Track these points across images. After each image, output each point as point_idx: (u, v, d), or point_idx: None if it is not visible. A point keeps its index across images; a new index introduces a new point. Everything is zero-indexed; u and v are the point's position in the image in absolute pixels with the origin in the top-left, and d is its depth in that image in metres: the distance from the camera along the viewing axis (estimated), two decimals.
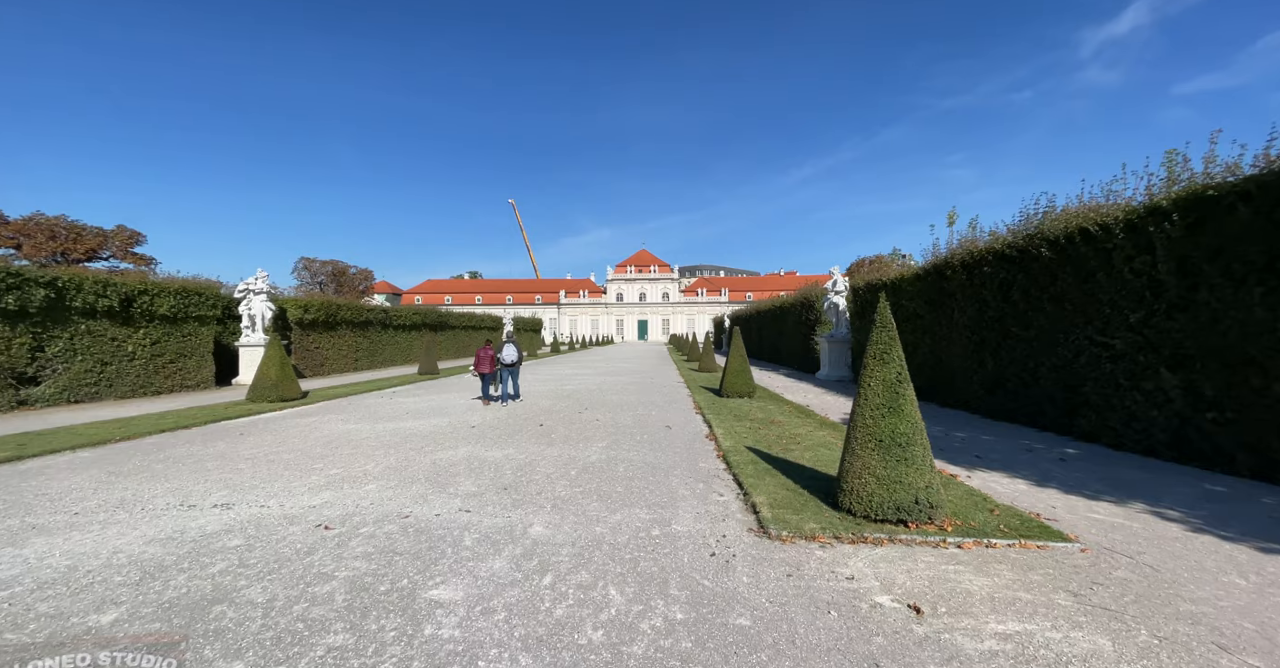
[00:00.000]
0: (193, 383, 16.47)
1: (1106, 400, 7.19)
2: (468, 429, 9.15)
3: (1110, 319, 7.19)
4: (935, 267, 11.57)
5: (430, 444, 7.88)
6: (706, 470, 6.22)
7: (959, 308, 10.75)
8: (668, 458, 6.86)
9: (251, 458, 7.06)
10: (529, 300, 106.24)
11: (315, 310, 21.82)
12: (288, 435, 8.75)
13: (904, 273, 13.54)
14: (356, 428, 9.40)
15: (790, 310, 24.41)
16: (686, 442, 7.94)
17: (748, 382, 12.99)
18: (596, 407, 11.81)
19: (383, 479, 5.93)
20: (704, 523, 4.49)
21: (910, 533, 4.02)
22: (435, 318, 33.35)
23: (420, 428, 9.31)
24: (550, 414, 10.77)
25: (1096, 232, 7.26)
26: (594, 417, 10.41)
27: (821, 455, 6.56)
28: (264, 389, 13.01)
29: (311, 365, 21.95)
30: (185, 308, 16.13)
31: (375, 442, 8.11)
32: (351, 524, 4.50)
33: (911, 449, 4.21)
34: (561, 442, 7.99)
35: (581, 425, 9.41)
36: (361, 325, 25.38)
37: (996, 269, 9.38)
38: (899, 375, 4.43)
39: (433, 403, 12.78)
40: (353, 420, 10.29)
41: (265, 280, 18.91)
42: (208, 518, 4.66)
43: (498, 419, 10.18)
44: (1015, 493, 5.22)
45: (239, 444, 8.02)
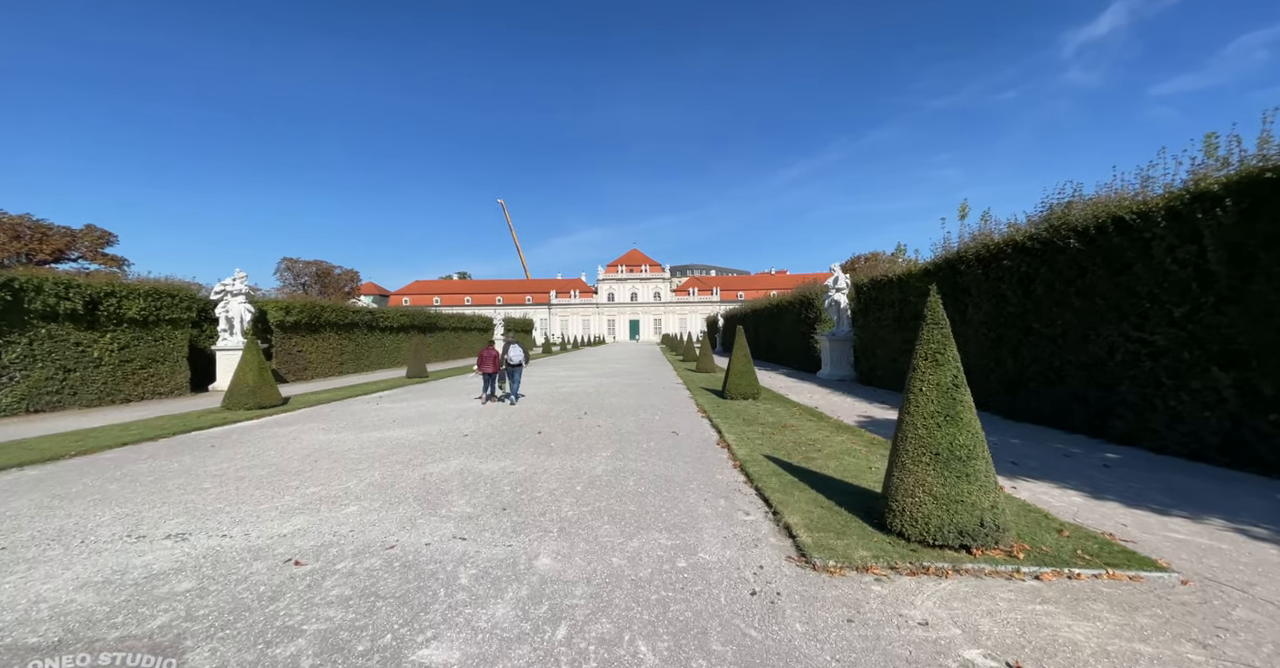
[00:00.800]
0: (166, 390, 15.62)
1: (1146, 401, 6.73)
2: (460, 438, 8.51)
3: (1149, 314, 6.73)
4: (947, 261, 11.11)
5: (420, 456, 7.23)
6: (725, 484, 5.66)
7: (974, 304, 10.30)
8: (680, 469, 6.28)
9: (219, 475, 6.37)
10: (519, 301, 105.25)
11: (297, 312, 20.98)
12: (263, 447, 8.06)
13: (911, 268, 13.09)
14: (339, 438, 8.72)
15: (788, 309, 23.97)
16: (697, 450, 7.37)
17: (752, 383, 12.47)
18: (596, 411, 11.21)
19: (366, 499, 5.29)
20: (734, 550, 3.92)
21: (977, 561, 3.48)
22: (424, 319, 32.52)
23: (409, 437, 8.65)
24: (548, 420, 10.16)
25: (1133, 220, 6.80)
26: (594, 422, 9.81)
27: (848, 465, 6.02)
28: (240, 396, 12.26)
29: (294, 370, 21.11)
30: (157, 310, 15.28)
31: (359, 454, 7.45)
32: (327, 558, 3.87)
33: (973, 463, 3.68)
34: (563, 451, 7.38)
35: (582, 432, 8.81)
36: (347, 328, 24.54)
37: (1017, 262, 8.92)
38: (955, 379, 3.89)
39: (422, 409, 12.11)
40: (335, 429, 9.60)
41: (244, 281, 18.07)
42: (157, 553, 4.00)
43: (492, 427, 9.55)
44: (1072, 507, 4.71)
45: (207, 459, 7.33)
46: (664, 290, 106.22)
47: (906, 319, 13.29)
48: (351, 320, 24.79)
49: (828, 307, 18.50)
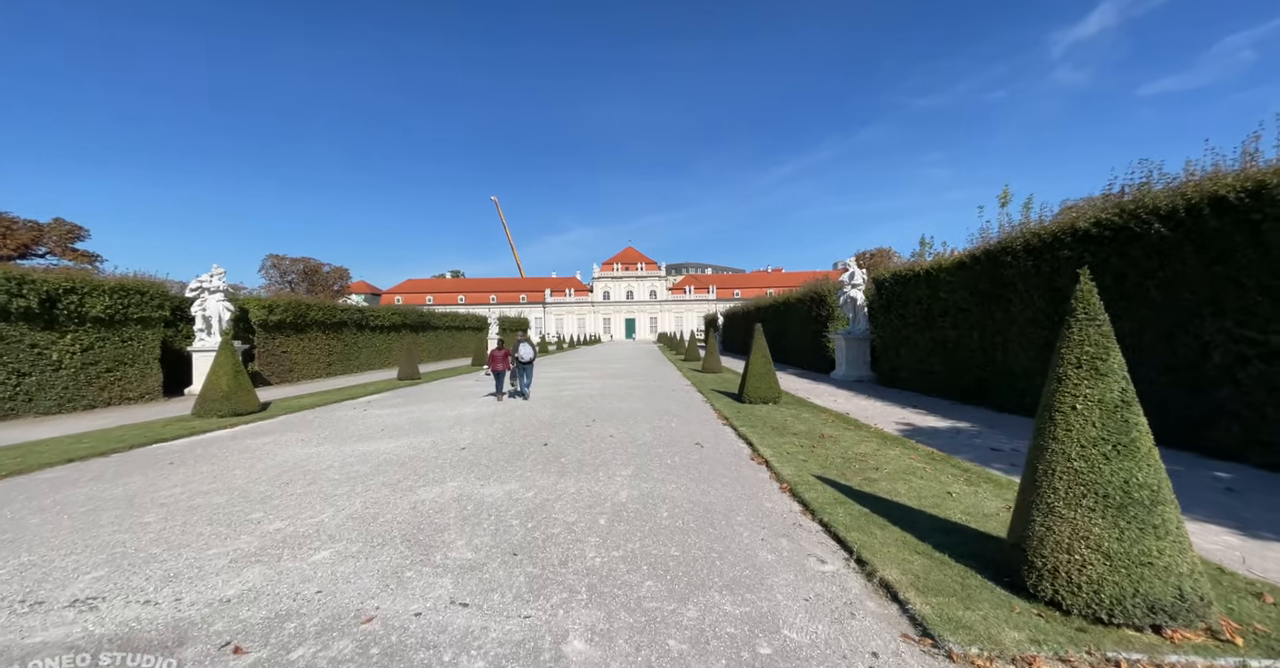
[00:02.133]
0: (135, 394, 14.45)
1: (1255, 410, 5.82)
2: (457, 452, 7.49)
3: (1257, 308, 5.82)
4: (987, 253, 10.19)
5: (410, 476, 6.21)
6: (779, 515, 4.68)
7: (1020, 299, 9.38)
8: (719, 494, 5.29)
9: (168, 504, 5.32)
10: (513, 300, 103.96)
11: (281, 311, 19.82)
12: (229, 465, 7.00)
13: (941, 262, 12.17)
14: (318, 452, 7.67)
15: (796, 306, 23.05)
16: (730, 466, 6.39)
17: (772, 386, 11.52)
18: (605, 418, 10.20)
19: (341, 540, 4.27)
20: (825, 622, 2.94)
21: (1180, 650, 2.52)
22: (416, 318, 31.35)
23: (398, 451, 7.62)
24: (554, 429, 9.14)
25: (1239, 199, 5.88)
26: (606, 431, 8.81)
27: (920, 490, 5.06)
28: (213, 403, 11.16)
29: (278, 372, 19.96)
30: (124, 309, 14.10)
31: (339, 473, 6.41)
32: (280, 640, 2.85)
33: (1160, 510, 2.71)
34: (576, 469, 6.38)
35: (594, 444, 7.81)
36: (335, 327, 23.38)
37: (1079, 251, 8.00)
38: (1123, 394, 2.91)
39: (414, 415, 11.06)
40: (315, 441, 8.55)
41: (222, 278, 16.92)
42: (47, 634, 2.96)
43: (492, 437, 8.52)
44: (1230, 550, 3.77)
45: (161, 480, 6.27)
46: (660, 289, 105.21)
47: (935, 316, 12.37)
48: (340, 319, 23.62)
49: (842, 304, 17.59)
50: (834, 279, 22.81)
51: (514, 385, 13.83)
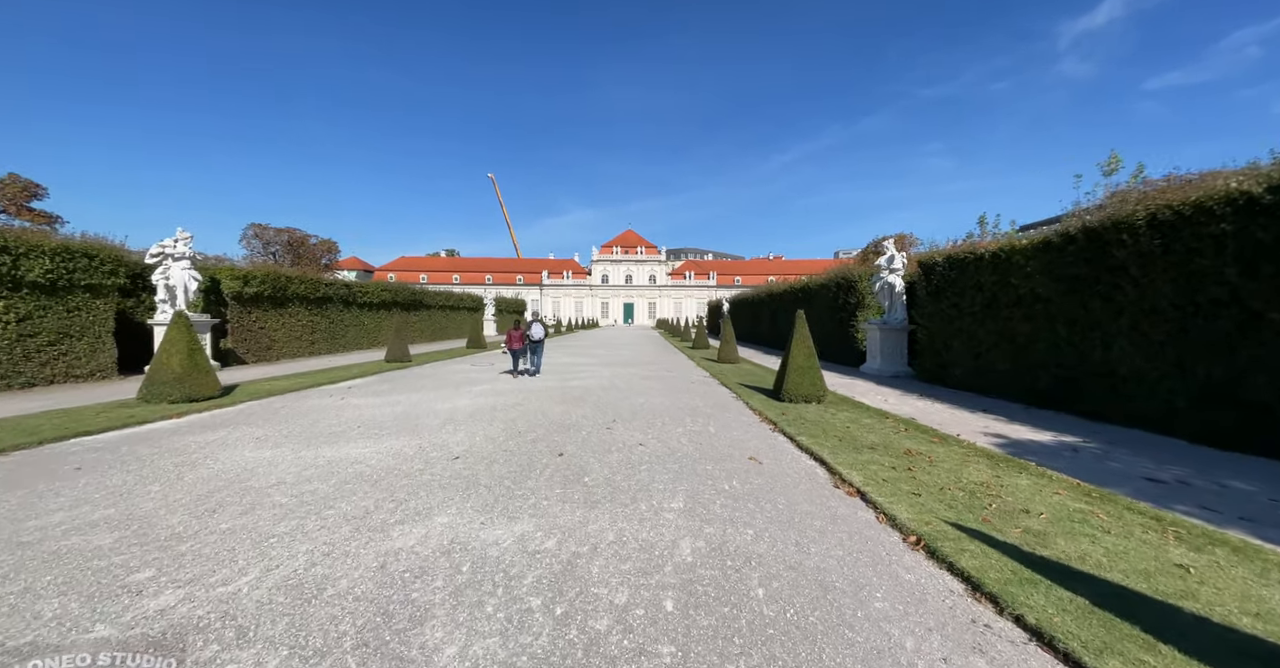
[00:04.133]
0: (84, 372, 12.71)
1: None
2: (448, 464, 5.85)
3: None
4: (1087, 231, 8.53)
5: (385, 503, 4.58)
6: (938, 600, 3.08)
7: (1134, 285, 7.76)
8: (824, 551, 3.69)
9: (28, 544, 3.68)
10: (510, 281, 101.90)
11: (258, 283, 18.01)
12: (148, 474, 5.35)
13: (1014, 243, 10.51)
14: (272, 458, 6.02)
15: (818, 293, 21.37)
16: (814, 498, 4.79)
17: (816, 382, 9.93)
18: (627, 417, 8.59)
19: (254, 641, 2.64)
20: None
21: None
22: (408, 296, 29.53)
23: (374, 460, 5.98)
24: (568, 431, 7.52)
25: None
26: (632, 436, 7.20)
27: (1126, 557, 3.46)
28: (162, 385, 9.48)
29: (256, 349, 18.23)
30: (69, 274, 12.29)
31: (289, 496, 4.77)
32: None
33: None
34: (607, 497, 4.77)
35: (622, 455, 6.20)
36: (319, 302, 21.58)
37: (1244, 226, 6.34)
38: None
39: (400, 408, 9.40)
40: (274, 440, 6.89)
41: (188, 242, 15.06)
42: None
43: (493, 442, 6.89)
44: None
45: (47, 498, 4.61)
46: (660, 273, 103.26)
47: (1003, 306, 10.76)
48: (324, 294, 21.81)
49: (877, 291, 15.94)
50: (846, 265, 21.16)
51: (526, 365, 14.54)
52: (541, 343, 14.37)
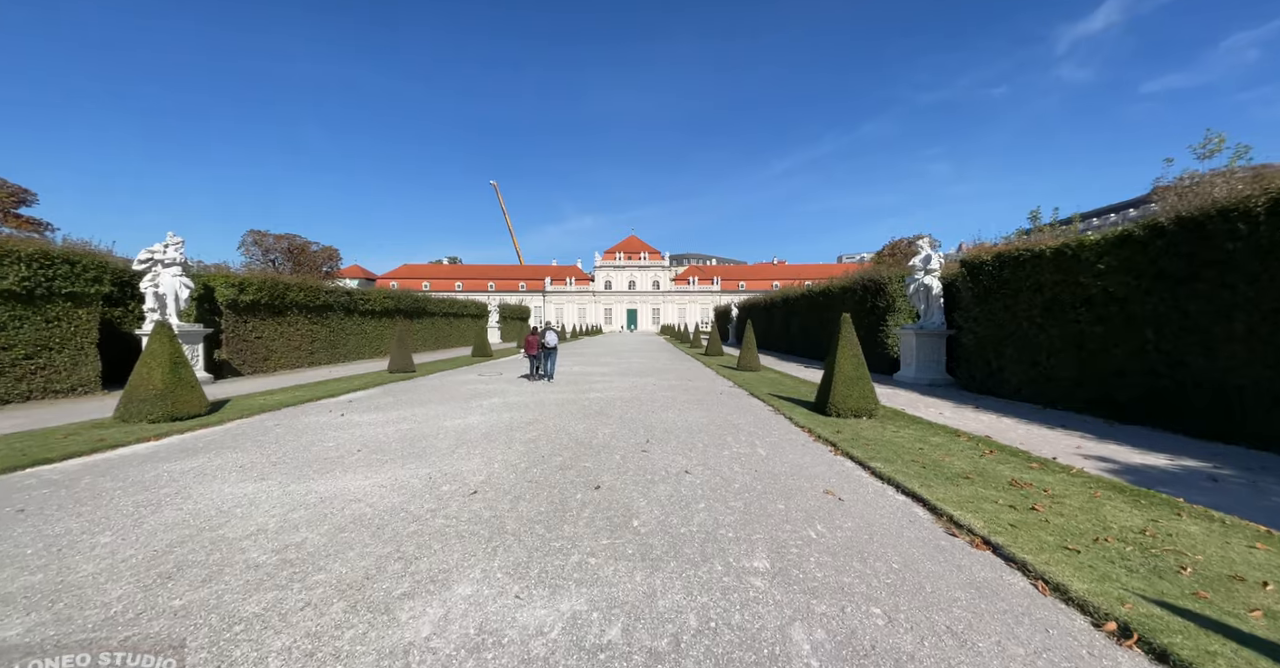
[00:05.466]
0: (64, 387, 11.78)
1: None
2: (464, 501, 4.86)
3: None
4: (1181, 221, 7.54)
5: (389, 563, 3.59)
6: None
7: (1251, 282, 6.74)
8: (1002, 652, 2.68)
9: None
10: (513, 287, 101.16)
11: (255, 290, 17.09)
12: (105, 519, 4.38)
13: (1083, 239, 9.53)
14: (253, 495, 5.04)
15: (841, 296, 20.37)
16: (930, 550, 3.79)
17: (867, 394, 8.93)
18: (662, 437, 7.59)
19: None
20: None
21: None
22: (410, 303, 28.62)
23: (374, 496, 4.99)
24: (598, 455, 6.52)
25: None
26: (675, 461, 6.20)
27: None
28: (141, 403, 8.54)
29: (252, 360, 17.29)
30: (48, 282, 11.39)
31: (268, 551, 3.79)
32: None
33: None
34: (668, 550, 3.77)
35: (672, 489, 5.19)
36: (318, 310, 20.66)
37: None
38: None
39: (405, 426, 8.42)
40: (259, 469, 5.91)
41: (179, 248, 14.19)
42: None
43: (516, 471, 5.89)
44: None
45: None
46: (664, 279, 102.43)
47: (1066, 307, 9.76)
48: (324, 302, 20.89)
49: (911, 293, 14.95)
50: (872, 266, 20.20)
51: (542, 371, 15.30)
52: (555, 350, 15.28)
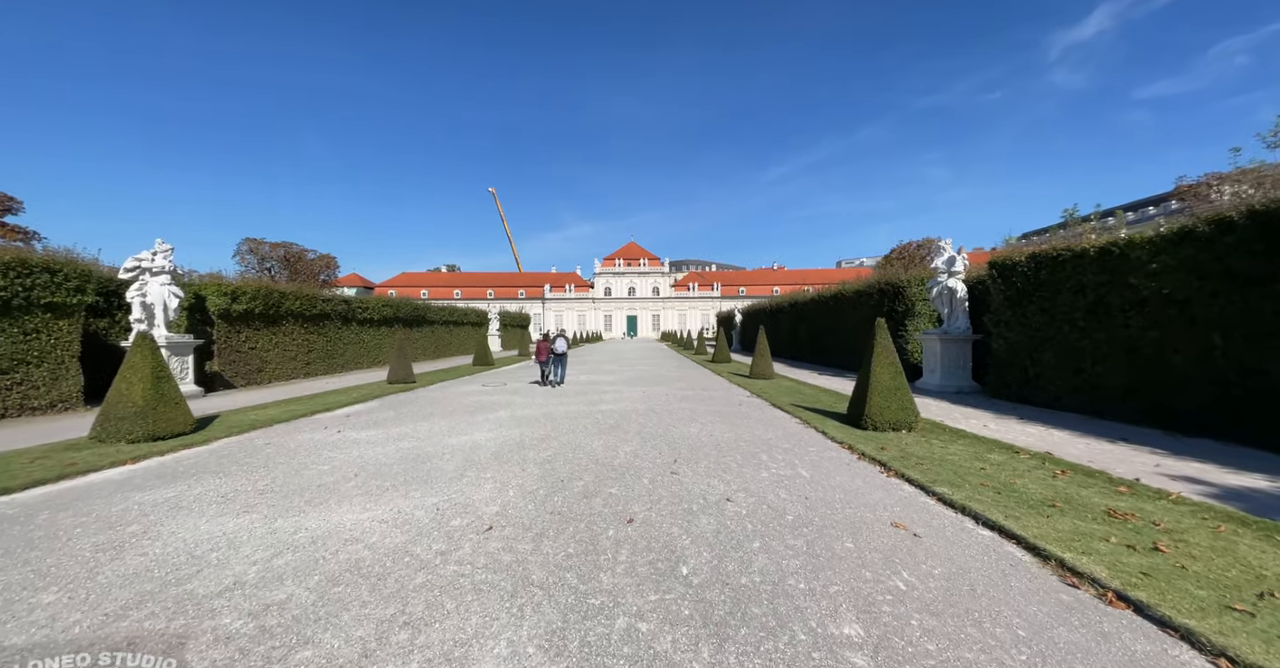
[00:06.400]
0: (43, 403, 11.07)
1: None
2: (478, 539, 4.17)
3: None
4: (1254, 215, 6.93)
5: (390, 629, 2.90)
6: None
7: None
8: None
9: None
10: (512, 295, 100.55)
11: (248, 299, 16.41)
12: (56, 568, 3.68)
13: (1134, 237, 8.92)
14: (235, 531, 4.34)
15: (854, 301, 19.76)
16: (1052, 608, 3.10)
17: (907, 406, 8.28)
18: (689, 456, 6.90)
19: None
20: None
21: None
22: (410, 311, 27.96)
23: (373, 535, 4.30)
24: (624, 478, 5.82)
25: None
26: (709, 486, 5.51)
27: None
28: (119, 421, 7.87)
29: (245, 372, 16.57)
30: (26, 291, 10.71)
31: (242, 615, 3.09)
32: None
33: None
34: (730, 611, 3.09)
35: (716, 522, 4.51)
36: (315, 319, 19.99)
37: None
38: None
39: (407, 445, 7.72)
40: (244, 498, 5.22)
41: (168, 256, 13.50)
42: None
43: (535, 501, 5.20)
44: None
45: None
46: (663, 285, 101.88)
47: (1116, 310, 9.14)
48: (321, 311, 20.22)
49: (934, 296, 14.32)
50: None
51: (554, 376, 15.95)
52: (565, 356, 16.16)
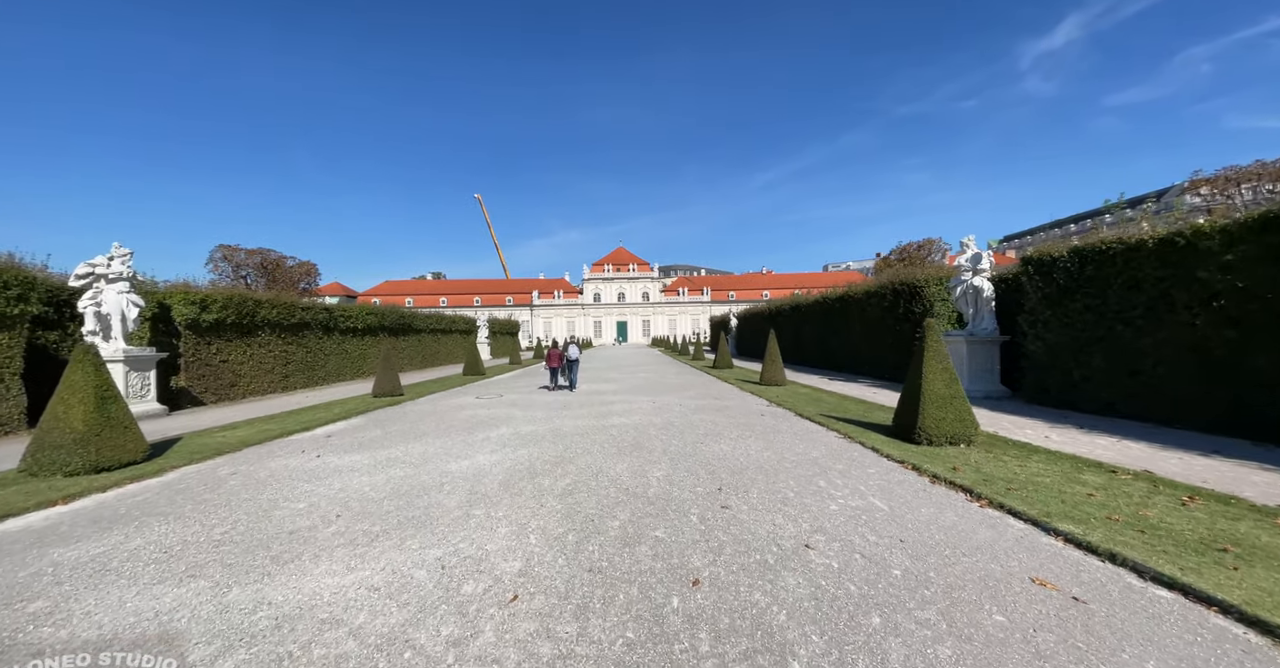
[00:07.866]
0: None
1: None
2: (500, 614, 3.10)
3: None
4: None
5: None
6: None
7: None
8: None
9: None
10: (499, 301, 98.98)
11: (219, 308, 15.08)
12: None
13: (1197, 225, 8.15)
14: (172, 612, 3.22)
15: (865, 302, 18.97)
16: None
17: (965, 417, 7.40)
18: (732, 482, 5.88)
19: None
20: None
21: None
22: (395, 319, 26.64)
23: (360, 616, 3.21)
24: (666, 515, 4.78)
25: None
26: (775, 525, 4.49)
27: None
28: (55, 450, 6.69)
29: (216, 387, 15.21)
30: None
31: None
32: None
33: None
34: None
35: (805, 582, 3.49)
36: (294, 329, 18.66)
37: None
38: None
39: (396, 471, 6.59)
40: (190, 556, 4.09)
41: (126, 261, 12.22)
42: None
43: (562, 551, 4.13)
44: None
45: None
46: (653, 290, 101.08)
47: (1180, 307, 8.35)
48: (300, 320, 18.90)
49: (958, 296, 13.52)
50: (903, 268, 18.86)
51: (563, 380, 16.55)
52: (576, 362, 16.50)
